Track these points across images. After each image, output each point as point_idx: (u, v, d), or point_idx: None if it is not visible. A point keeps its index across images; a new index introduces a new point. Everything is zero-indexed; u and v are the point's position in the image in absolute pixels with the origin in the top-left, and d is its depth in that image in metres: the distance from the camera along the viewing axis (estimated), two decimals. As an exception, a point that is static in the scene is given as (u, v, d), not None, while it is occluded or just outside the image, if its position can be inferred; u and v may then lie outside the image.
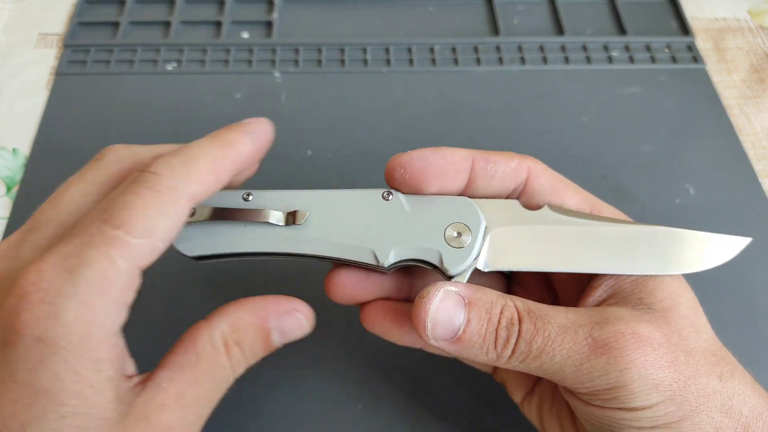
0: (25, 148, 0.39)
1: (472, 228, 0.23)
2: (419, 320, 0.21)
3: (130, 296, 0.19)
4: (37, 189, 0.37)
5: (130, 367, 0.20)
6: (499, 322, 0.21)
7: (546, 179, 0.24)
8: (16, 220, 0.36)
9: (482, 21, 0.47)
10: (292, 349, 0.31)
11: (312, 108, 0.41)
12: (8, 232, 0.35)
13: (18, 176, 0.38)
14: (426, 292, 0.21)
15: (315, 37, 0.45)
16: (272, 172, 0.38)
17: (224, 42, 0.44)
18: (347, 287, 0.25)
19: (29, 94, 0.41)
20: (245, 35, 0.45)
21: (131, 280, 0.19)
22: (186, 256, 0.23)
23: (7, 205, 0.36)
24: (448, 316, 0.21)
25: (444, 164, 0.23)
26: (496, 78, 0.43)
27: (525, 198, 0.24)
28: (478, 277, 0.28)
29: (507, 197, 0.24)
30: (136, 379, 0.20)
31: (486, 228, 0.23)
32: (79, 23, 0.45)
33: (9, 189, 0.37)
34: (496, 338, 0.21)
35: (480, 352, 0.22)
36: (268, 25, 0.45)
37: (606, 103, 0.42)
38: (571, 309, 0.22)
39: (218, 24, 0.45)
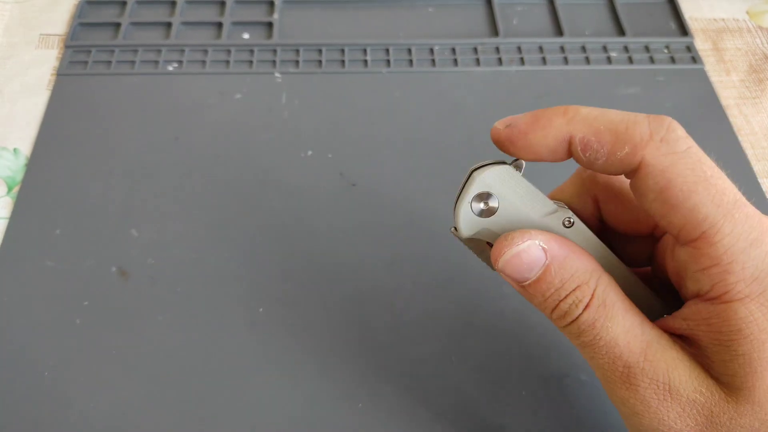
0: (26, 148, 0.39)
1: None
2: (494, 256, 0.21)
3: None
4: (38, 189, 0.37)
5: None
6: (567, 296, 0.21)
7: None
8: (17, 221, 0.36)
9: (482, 22, 0.47)
10: (291, 349, 0.32)
11: (312, 108, 0.41)
12: (9, 232, 0.35)
13: (19, 176, 0.38)
14: (511, 236, 0.21)
15: (315, 38, 0.45)
16: (272, 172, 0.38)
17: (225, 43, 0.44)
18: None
19: (30, 94, 0.42)
20: (246, 36, 0.45)
21: None
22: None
23: (8, 205, 0.36)
24: (523, 266, 0.21)
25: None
26: (495, 78, 0.43)
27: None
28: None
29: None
30: None
31: None
32: (81, 24, 0.45)
33: (10, 189, 0.37)
34: (555, 307, 0.21)
35: (537, 306, 0.22)
36: (269, 26, 0.46)
37: (605, 104, 0.42)
38: (643, 329, 0.21)
39: (219, 25, 0.45)
